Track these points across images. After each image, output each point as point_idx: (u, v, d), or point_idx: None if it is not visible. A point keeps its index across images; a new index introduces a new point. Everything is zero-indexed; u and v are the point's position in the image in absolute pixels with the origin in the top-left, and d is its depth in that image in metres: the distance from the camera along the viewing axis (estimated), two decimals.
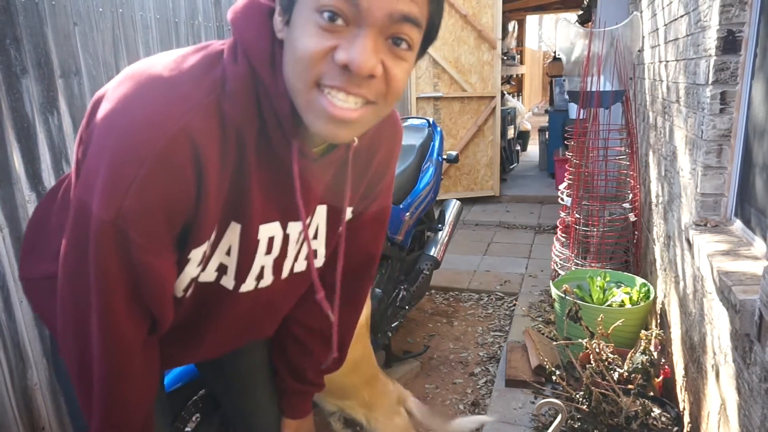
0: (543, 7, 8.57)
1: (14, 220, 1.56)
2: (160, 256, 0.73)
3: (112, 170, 0.66)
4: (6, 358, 1.56)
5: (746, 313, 1.16)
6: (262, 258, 0.85)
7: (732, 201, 1.68)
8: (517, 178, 6.54)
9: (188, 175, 0.68)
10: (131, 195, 0.66)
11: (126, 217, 0.67)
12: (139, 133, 0.65)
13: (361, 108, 0.67)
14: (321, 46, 0.63)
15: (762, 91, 1.47)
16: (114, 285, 0.72)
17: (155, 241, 0.71)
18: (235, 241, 0.81)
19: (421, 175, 2.64)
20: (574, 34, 3.30)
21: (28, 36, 1.57)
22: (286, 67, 0.68)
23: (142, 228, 0.69)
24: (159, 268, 0.74)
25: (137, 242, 0.69)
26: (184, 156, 0.67)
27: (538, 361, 2.36)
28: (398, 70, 0.67)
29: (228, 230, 0.79)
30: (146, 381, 0.84)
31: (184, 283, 0.81)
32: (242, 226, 0.79)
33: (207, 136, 0.68)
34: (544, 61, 14.37)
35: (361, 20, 0.62)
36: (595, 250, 3.09)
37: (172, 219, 0.71)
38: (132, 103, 0.66)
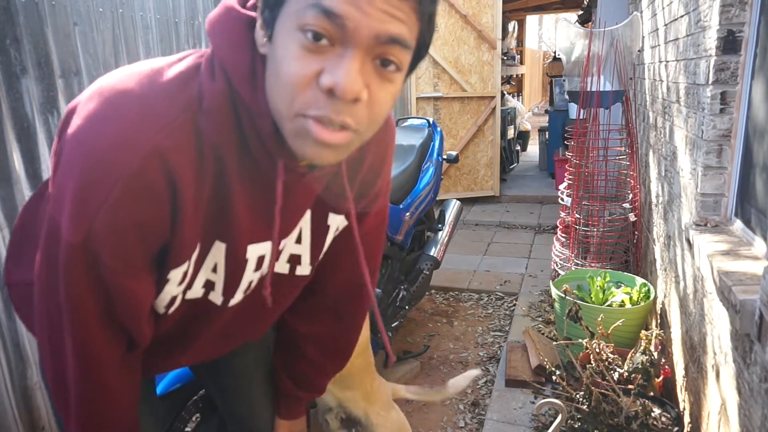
0: (543, 7, 8.57)
1: (14, 220, 1.56)
2: (135, 278, 0.71)
3: (81, 191, 0.63)
4: (6, 358, 1.56)
5: (746, 313, 1.16)
6: (251, 274, 0.83)
7: (732, 201, 1.68)
8: (517, 178, 6.54)
9: (162, 197, 0.66)
10: (101, 217, 0.63)
11: (96, 240, 0.65)
12: (108, 153, 0.62)
13: (344, 131, 0.63)
14: (305, 71, 0.60)
15: (762, 91, 1.47)
16: (85, 305, 0.70)
17: (128, 263, 0.69)
18: (221, 260, 0.78)
19: (421, 175, 2.64)
20: (574, 34, 3.30)
21: (28, 36, 1.57)
22: (268, 87, 0.64)
23: (114, 250, 0.66)
24: (134, 289, 0.71)
25: (109, 265, 0.67)
26: (157, 177, 0.64)
27: (538, 361, 2.36)
28: (383, 94, 0.63)
29: (213, 249, 0.76)
30: (125, 398, 0.82)
31: (165, 300, 0.79)
32: (227, 245, 0.76)
33: (181, 156, 0.65)
34: (544, 61, 14.37)
35: (346, 41, 0.59)
36: (595, 250, 3.09)
37: (147, 241, 0.68)
38: (101, 122, 0.63)
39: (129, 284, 0.71)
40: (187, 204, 0.68)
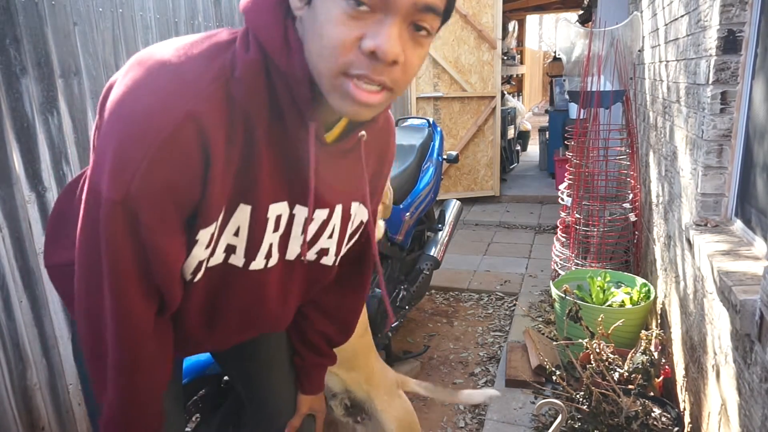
0: (543, 7, 8.57)
1: (14, 220, 1.56)
2: (170, 237, 0.74)
3: (120, 153, 0.68)
4: (6, 358, 1.56)
5: (747, 313, 1.16)
6: (270, 236, 0.86)
7: (732, 201, 1.68)
8: (517, 178, 6.54)
9: (195, 159, 0.70)
10: (139, 177, 0.67)
11: (134, 198, 0.69)
12: (146, 117, 0.67)
13: (380, 91, 0.70)
14: (349, 35, 0.65)
15: (762, 91, 1.47)
16: (124, 264, 0.73)
17: (165, 221, 0.72)
18: (245, 223, 0.81)
19: (421, 175, 2.64)
20: (575, 34, 3.30)
21: (28, 36, 1.57)
22: (309, 48, 0.69)
23: (151, 209, 0.70)
24: (168, 248, 0.75)
25: (147, 223, 0.71)
26: (191, 140, 0.68)
27: (538, 361, 2.36)
28: (415, 57, 0.70)
29: (237, 212, 0.80)
30: (160, 365, 0.85)
31: (192, 266, 0.81)
32: (252, 207, 0.80)
33: (214, 121, 0.69)
34: (544, 61, 14.37)
35: (386, 8, 0.65)
36: (596, 250, 3.09)
37: (181, 201, 0.72)
38: (140, 89, 0.68)
39: (164, 243, 0.74)
40: (217, 166, 0.71)
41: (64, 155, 1.71)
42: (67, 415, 1.77)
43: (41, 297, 1.66)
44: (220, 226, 0.79)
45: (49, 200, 1.66)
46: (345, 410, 1.60)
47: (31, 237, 1.61)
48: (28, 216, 1.60)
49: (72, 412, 1.79)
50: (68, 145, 1.72)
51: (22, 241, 1.59)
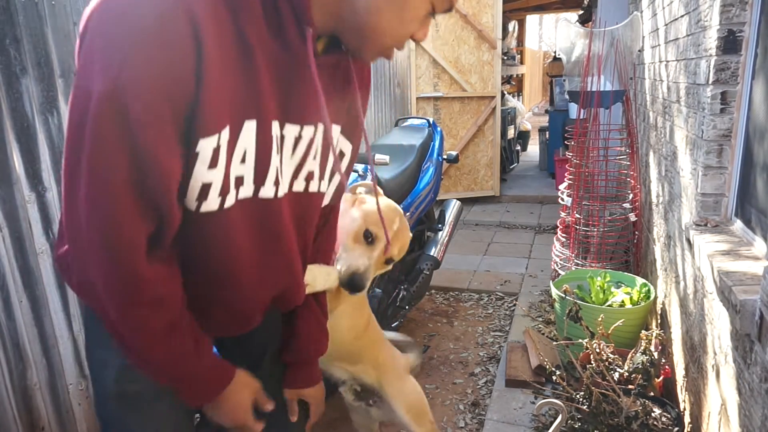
0: (543, 7, 8.57)
1: (14, 220, 1.56)
2: (163, 138, 0.70)
3: (108, 43, 0.66)
4: (5, 359, 1.56)
5: (747, 313, 1.16)
6: (276, 158, 0.84)
7: (732, 201, 1.68)
8: (517, 178, 6.54)
9: (186, 48, 0.67)
10: (128, 65, 0.65)
11: (124, 88, 0.66)
12: (133, 7, 0.66)
13: None
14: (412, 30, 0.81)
15: (762, 91, 1.47)
16: (115, 168, 0.69)
17: (156, 117, 0.68)
18: (251, 143, 0.79)
19: (421, 175, 2.64)
20: (575, 34, 3.30)
21: (28, 36, 1.57)
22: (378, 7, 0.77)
23: (141, 101, 0.67)
24: (162, 152, 0.70)
25: (137, 118, 0.67)
26: (181, 28, 0.66)
27: (538, 361, 2.36)
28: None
29: (243, 130, 0.77)
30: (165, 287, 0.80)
31: (196, 189, 0.76)
32: (257, 122, 0.78)
33: (205, 10, 0.68)
34: (544, 61, 14.36)
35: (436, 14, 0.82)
36: (596, 250, 3.09)
37: (173, 96, 0.69)
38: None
39: (157, 144, 0.69)
40: (212, 60, 0.69)
41: None
42: (67, 415, 1.78)
43: (41, 297, 1.66)
44: (228, 147, 0.76)
45: (49, 200, 1.66)
46: (355, 395, 1.61)
47: (31, 237, 1.61)
48: (28, 216, 1.60)
49: (72, 412, 1.79)
50: None
51: (22, 241, 1.59)
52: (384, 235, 1.24)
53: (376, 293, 2.23)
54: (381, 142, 2.83)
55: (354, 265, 1.22)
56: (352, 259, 1.23)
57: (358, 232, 1.25)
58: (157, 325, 0.80)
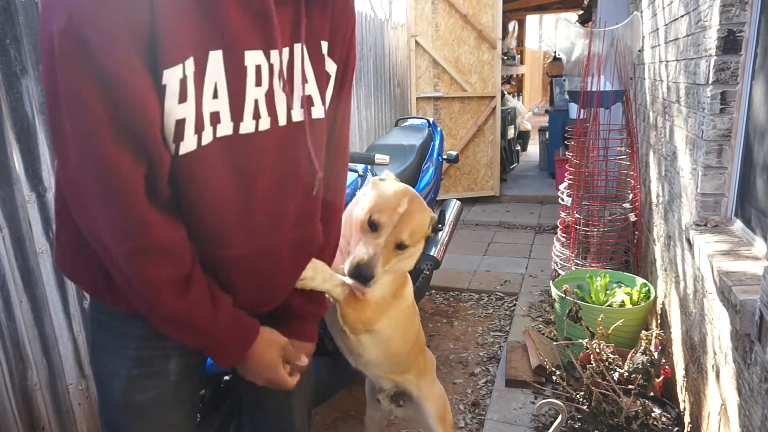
0: (543, 7, 8.57)
1: (14, 220, 1.56)
2: (126, 63, 0.68)
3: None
4: (5, 359, 1.56)
5: (746, 313, 1.16)
6: (254, 90, 0.80)
7: (732, 201, 1.68)
8: (517, 178, 6.54)
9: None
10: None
11: (80, 18, 0.65)
12: None
13: None
14: None
15: (762, 91, 1.47)
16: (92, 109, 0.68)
17: (113, 41, 0.67)
18: (221, 75, 0.76)
19: (421, 175, 2.64)
20: (575, 34, 3.30)
21: (28, 36, 1.57)
22: None
23: (99, 28, 0.66)
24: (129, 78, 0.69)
25: (98, 45, 0.66)
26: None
27: (538, 361, 2.36)
28: None
29: (209, 62, 0.74)
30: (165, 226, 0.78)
31: (171, 128, 0.74)
32: (223, 51, 0.75)
33: None
34: (544, 61, 14.36)
35: None
36: (596, 250, 3.09)
37: (128, 18, 0.67)
38: None
39: (123, 71, 0.68)
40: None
41: None
42: (67, 415, 1.78)
43: (41, 297, 1.66)
44: (195, 79, 0.73)
45: (49, 200, 1.66)
46: (390, 399, 1.61)
47: (31, 237, 1.61)
48: (28, 216, 1.60)
49: (72, 412, 1.79)
50: None
51: (22, 241, 1.59)
52: (389, 220, 1.21)
53: None
54: (381, 142, 2.83)
55: (358, 256, 1.19)
56: (358, 250, 1.21)
57: (364, 221, 1.23)
58: (168, 277, 0.79)
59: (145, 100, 0.71)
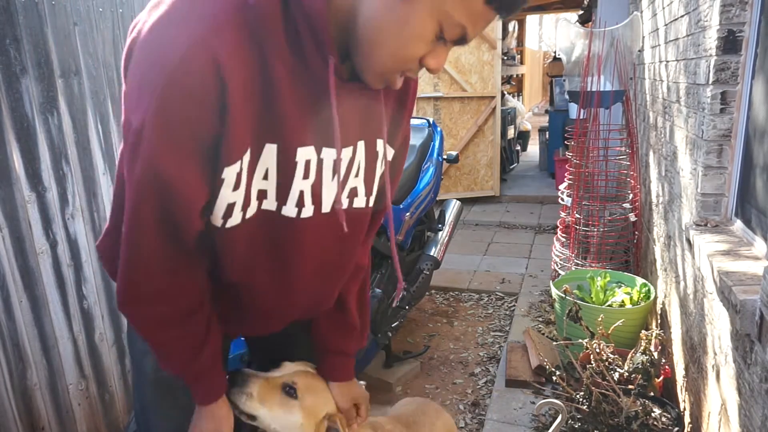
0: (543, 7, 8.56)
1: (14, 220, 1.56)
2: (185, 167, 0.75)
3: (141, 80, 0.73)
4: (5, 359, 1.56)
5: (747, 313, 1.16)
6: (301, 182, 0.85)
7: (732, 201, 1.68)
8: (517, 178, 6.54)
9: (210, 87, 0.71)
10: (155, 102, 0.70)
11: (151, 123, 0.71)
12: (162, 45, 0.71)
13: None
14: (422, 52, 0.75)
15: (762, 91, 1.47)
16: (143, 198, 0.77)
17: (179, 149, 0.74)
18: (272, 164, 0.81)
19: (421, 175, 2.64)
20: (575, 34, 3.30)
21: (28, 36, 1.57)
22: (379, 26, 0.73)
23: (166, 135, 0.72)
24: (184, 177, 0.76)
25: (161, 148, 0.73)
26: (205, 67, 0.70)
27: (538, 362, 2.36)
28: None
29: (264, 152, 0.80)
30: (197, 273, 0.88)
31: (222, 208, 0.81)
32: (278, 145, 0.80)
33: (228, 48, 0.70)
34: (544, 61, 14.36)
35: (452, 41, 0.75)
36: (596, 250, 3.09)
37: (197, 130, 0.73)
38: (157, 22, 0.72)
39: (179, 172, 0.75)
40: (235, 96, 0.72)
41: (64, 155, 1.71)
42: (67, 415, 1.77)
43: (41, 297, 1.66)
44: (248, 168, 0.79)
45: (49, 200, 1.66)
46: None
47: (31, 237, 1.61)
48: (28, 216, 1.60)
49: (72, 412, 1.79)
50: (68, 145, 1.72)
51: (22, 241, 1.59)
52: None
53: (376, 293, 2.23)
54: None
55: None
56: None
57: None
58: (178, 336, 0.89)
59: (194, 200, 0.79)
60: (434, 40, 0.74)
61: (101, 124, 1.84)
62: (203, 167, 0.77)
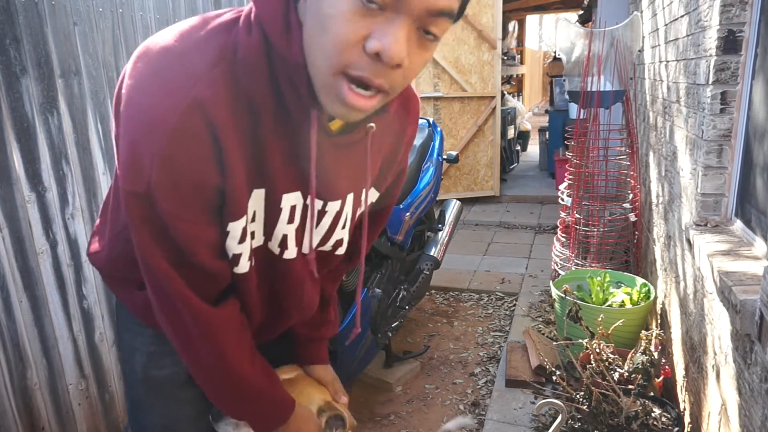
0: (543, 7, 8.57)
1: (14, 220, 1.56)
2: (195, 223, 0.75)
3: (133, 149, 0.69)
4: (5, 359, 1.56)
5: (747, 313, 1.16)
6: (285, 226, 0.85)
7: (732, 201, 1.68)
8: (517, 178, 6.54)
9: (205, 145, 0.70)
10: (155, 171, 0.68)
11: (155, 189, 0.70)
12: (152, 111, 0.67)
13: (375, 96, 0.67)
14: (354, 34, 0.61)
15: (762, 91, 1.47)
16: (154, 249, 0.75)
17: (186, 208, 0.73)
18: (260, 207, 0.81)
19: (421, 175, 2.64)
20: (575, 34, 3.30)
21: (28, 36, 1.57)
22: (309, 40, 0.66)
23: (170, 198, 0.71)
24: (197, 234, 0.75)
25: (168, 210, 0.72)
26: (199, 127, 0.68)
27: (538, 362, 2.36)
28: (419, 61, 0.67)
29: (252, 197, 0.79)
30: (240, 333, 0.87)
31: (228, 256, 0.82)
32: (266, 190, 0.80)
33: (219, 104, 0.68)
34: (544, 61, 14.36)
35: (398, 8, 0.61)
36: (596, 250, 3.09)
37: (201, 189, 0.72)
38: (144, 81, 0.68)
39: (188, 228, 0.74)
40: (231, 150, 0.71)
41: (64, 155, 1.71)
42: (67, 416, 1.78)
43: (41, 297, 1.66)
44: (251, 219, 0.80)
45: (49, 200, 1.66)
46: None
47: (31, 237, 1.61)
48: (28, 216, 1.60)
49: (72, 412, 1.79)
50: (68, 145, 1.72)
51: (22, 241, 1.59)
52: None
53: (376, 293, 2.23)
54: None
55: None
56: None
57: None
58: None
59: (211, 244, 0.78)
60: (362, 9, 0.61)
61: (101, 124, 1.84)
62: (214, 220, 0.77)
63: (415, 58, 0.66)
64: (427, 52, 0.67)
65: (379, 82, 0.65)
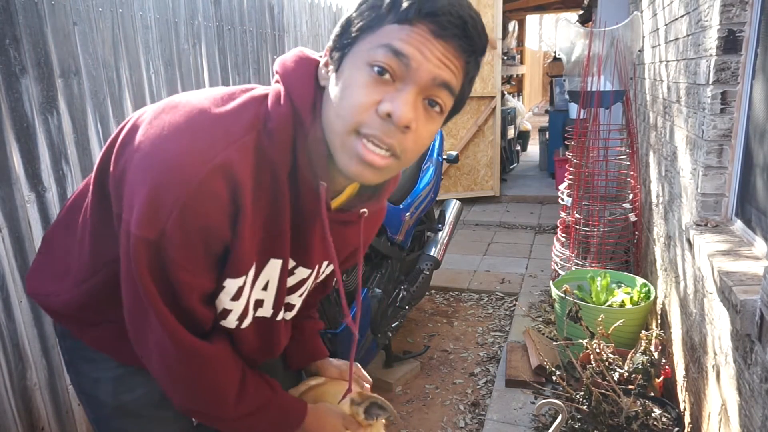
0: (543, 7, 8.57)
1: (14, 220, 1.56)
2: (194, 274, 0.76)
3: (154, 197, 0.69)
4: (5, 359, 1.56)
5: (747, 313, 1.15)
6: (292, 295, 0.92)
7: (733, 201, 1.67)
8: (517, 178, 6.54)
9: (225, 206, 0.72)
10: (172, 221, 0.69)
11: (167, 237, 0.71)
12: (181, 163, 0.69)
13: (388, 157, 0.73)
14: (369, 98, 0.70)
15: (763, 91, 1.47)
16: (152, 291, 0.75)
17: (192, 261, 0.75)
18: (274, 277, 0.84)
19: (421, 175, 2.64)
20: (575, 34, 3.30)
21: (28, 36, 1.57)
22: (327, 109, 0.74)
23: (181, 249, 0.72)
24: (190, 282, 0.77)
25: (175, 260, 0.73)
26: (222, 187, 0.70)
27: (538, 362, 2.36)
28: (426, 130, 0.75)
29: (267, 266, 0.83)
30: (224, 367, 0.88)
31: (216, 311, 0.83)
32: (282, 261, 0.83)
33: (244, 170, 0.72)
34: (544, 61, 14.35)
35: (407, 78, 0.70)
36: (596, 250, 3.09)
37: (211, 243, 0.75)
38: (178, 132, 0.71)
39: (188, 279, 0.76)
40: (246, 214, 0.74)
41: (64, 155, 1.71)
42: (67, 416, 1.77)
43: None
44: (252, 282, 0.82)
45: (49, 200, 1.66)
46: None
47: (31, 237, 1.61)
48: (27, 216, 1.60)
49: (72, 412, 1.79)
50: (68, 145, 1.72)
51: (22, 241, 1.59)
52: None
53: (376, 293, 2.23)
54: None
55: None
56: None
57: None
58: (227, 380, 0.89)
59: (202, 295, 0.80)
60: (376, 80, 0.70)
61: (101, 124, 1.84)
62: (212, 271, 0.79)
63: (423, 126, 0.74)
64: (433, 124, 0.75)
65: (390, 142, 0.72)
